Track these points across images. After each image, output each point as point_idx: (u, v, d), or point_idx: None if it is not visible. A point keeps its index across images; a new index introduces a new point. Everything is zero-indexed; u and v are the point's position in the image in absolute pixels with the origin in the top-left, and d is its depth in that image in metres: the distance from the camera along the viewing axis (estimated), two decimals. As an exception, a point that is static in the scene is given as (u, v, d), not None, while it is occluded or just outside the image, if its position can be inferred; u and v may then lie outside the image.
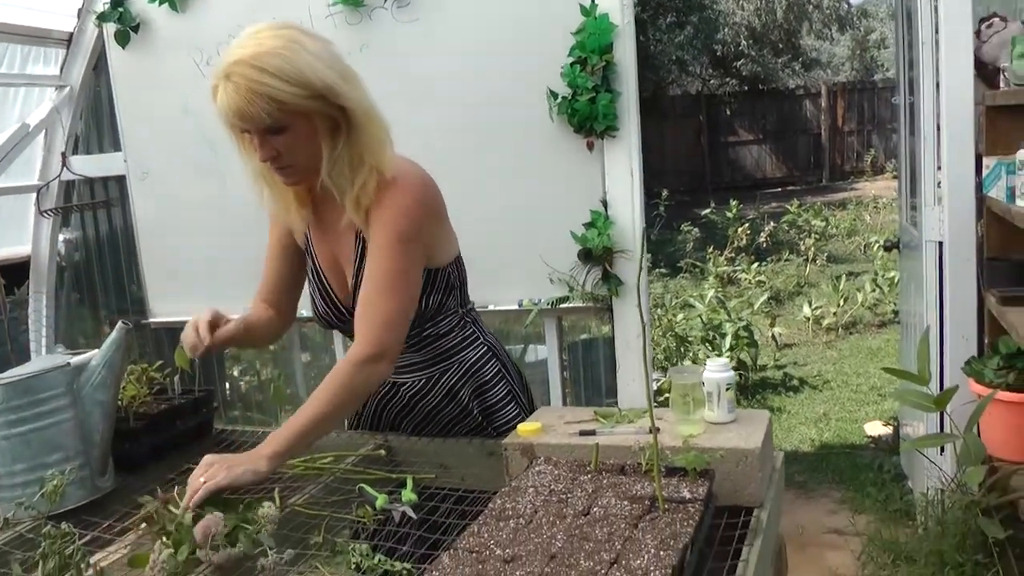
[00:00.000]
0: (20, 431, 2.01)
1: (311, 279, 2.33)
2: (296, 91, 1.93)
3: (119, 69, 4.37)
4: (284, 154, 2.03)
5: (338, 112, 2.01)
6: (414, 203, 2.12)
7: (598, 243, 3.50)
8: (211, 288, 4.24)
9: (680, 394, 1.94)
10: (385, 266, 2.08)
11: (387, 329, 2.08)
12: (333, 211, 2.19)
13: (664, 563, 1.42)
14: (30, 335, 5.11)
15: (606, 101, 3.43)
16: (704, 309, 7.35)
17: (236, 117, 1.95)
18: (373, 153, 2.06)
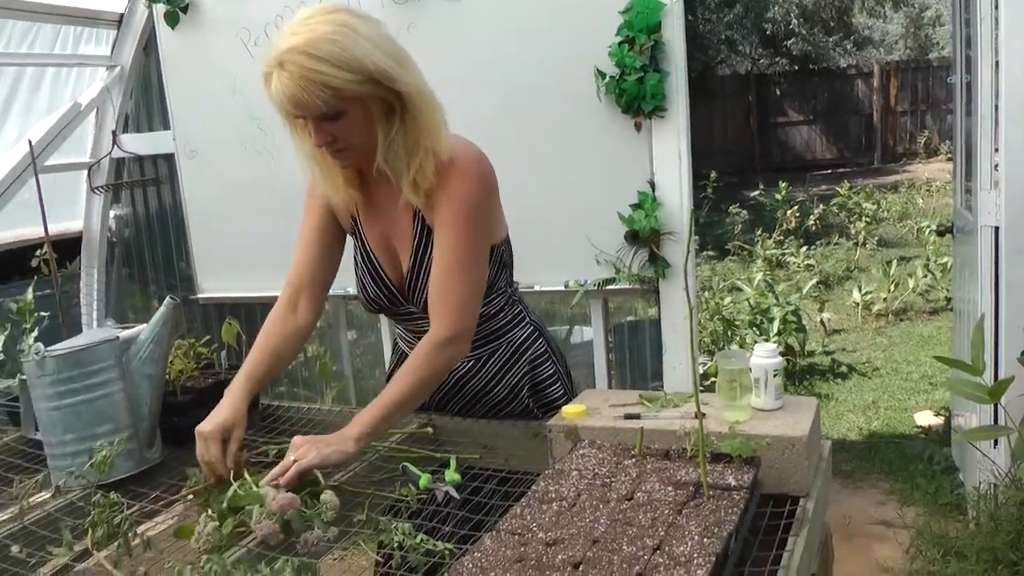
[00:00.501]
0: (70, 402, 2.04)
1: (360, 262, 2.32)
2: (350, 77, 1.92)
3: (168, 49, 4.41)
4: (339, 139, 2.03)
5: (392, 95, 2.00)
6: (476, 182, 2.12)
7: (645, 225, 3.48)
8: (258, 265, 4.29)
9: (727, 379, 1.92)
10: (456, 248, 2.10)
11: (464, 310, 2.11)
12: (387, 193, 2.19)
13: (708, 550, 1.41)
14: (81, 309, 5.18)
15: (654, 81, 3.40)
16: (752, 293, 7.29)
17: (291, 105, 1.94)
18: (429, 135, 2.05)
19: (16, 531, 1.85)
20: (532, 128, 3.62)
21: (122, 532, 1.68)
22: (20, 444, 2.37)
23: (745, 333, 6.78)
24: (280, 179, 3.99)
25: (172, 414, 2.25)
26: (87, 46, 4.82)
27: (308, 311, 2.30)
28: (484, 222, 2.16)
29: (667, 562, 1.39)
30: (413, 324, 2.34)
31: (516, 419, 2.30)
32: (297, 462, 1.86)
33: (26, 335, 3.84)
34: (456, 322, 2.09)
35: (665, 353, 3.62)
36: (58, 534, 1.77)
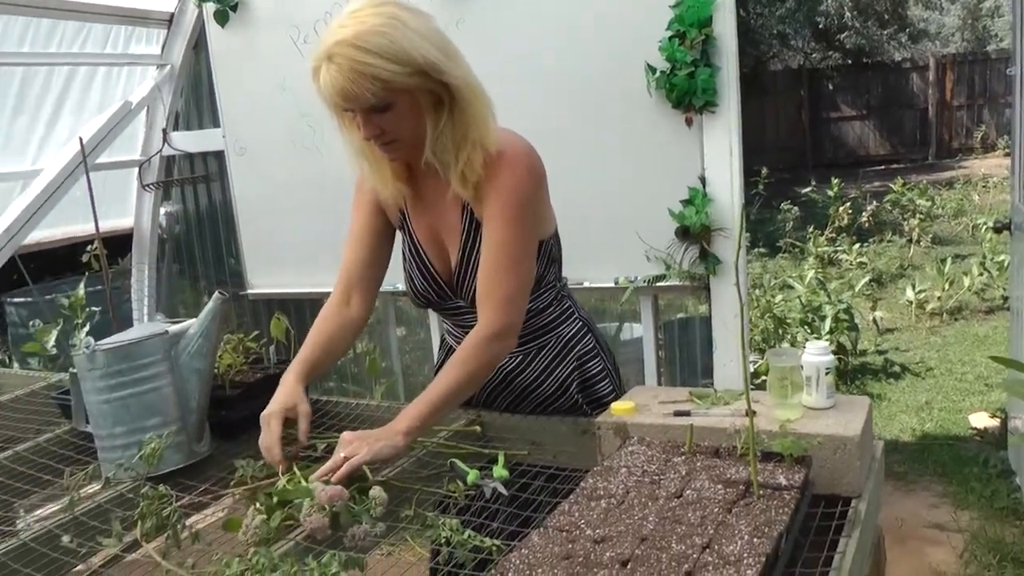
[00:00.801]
0: (120, 395, 2.06)
1: (409, 256, 2.31)
2: (399, 69, 1.92)
3: (218, 47, 4.43)
4: (388, 131, 2.02)
5: (441, 88, 2.00)
6: (525, 175, 2.11)
7: (696, 221, 3.45)
8: (307, 261, 4.31)
9: (778, 377, 1.89)
10: (505, 242, 2.09)
11: (512, 304, 2.10)
12: (435, 186, 2.19)
13: (758, 551, 1.39)
14: (132, 304, 5.23)
15: (705, 76, 3.36)
16: (803, 290, 7.22)
17: (340, 98, 1.95)
18: (477, 128, 2.05)
19: (67, 521, 1.86)
20: (581, 123, 3.60)
21: (171, 524, 1.69)
22: (71, 436, 2.39)
23: (796, 331, 6.72)
24: (329, 176, 4.00)
25: (221, 408, 2.26)
26: (138, 45, 4.87)
27: (361, 306, 2.30)
28: (533, 215, 2.14)
29: (716, 561, 1.37)
30: (461, 319, 2.33)
31: (564, 415, 2.28)
32: (348, 459, 1.86)
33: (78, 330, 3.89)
34: (503, 316, 2.08)
35: (715, 351, 3.58)
36: (108, 525, 1.79)
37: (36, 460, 2.26)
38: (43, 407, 2.71)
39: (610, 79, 3.52)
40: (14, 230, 4.38)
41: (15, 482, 2.17)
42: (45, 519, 1.92)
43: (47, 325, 3.50)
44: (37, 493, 2.18)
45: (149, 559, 1.65)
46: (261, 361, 2.56)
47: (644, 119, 3.49)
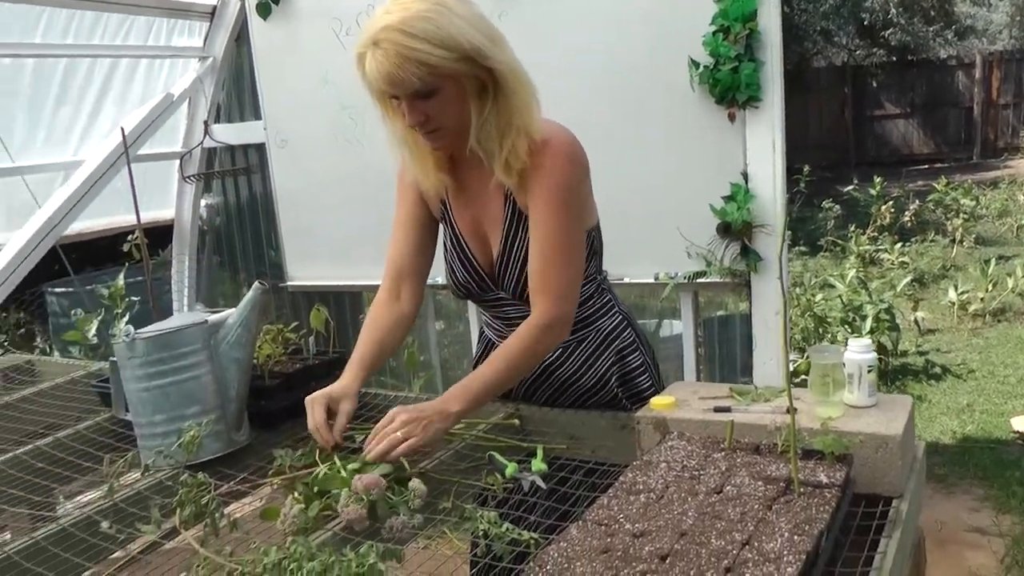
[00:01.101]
0: (159, 383, 2.07)
1: (450, 248, 2.30)
2: (445, 54, 1.92)
3: (260, 40, 4.45)
4: (432, 118, 2.02)
5: (486, 74, 2.00)
6: (570, 164, 2.11)
7: (737, 217, 3.42)
8: (347, 253, 4.32)
9: (820, 374, 1.87)
10: (555, 234, 2.09)
11: (566, 296, 2.11)
12: (477, 175, 2.18)
13: (798, 548, 1.38)
14: (173, 295, 5.27)
15: (749, 71, 3.33)
16: (844, 289, 7.16)
17: (386, 83, 1.94)
18: (521, 115, 2.04)
19: (106, 508, 1.88)
20: (623, 118, 3.57)
21: (209, 512, 1.70)
22: (111, 424, 2.41)
23: (837, 330, 6.66)
24: (370, 169, 4.00)
25: (260, 398, 2.27)
26: (180, 38, 4.90)
27: (411, 299, 2.31)
28: (579, 205, 2.14)
29: (756, 558, 1.36)
30: (501, 310, 2.32)
31: (604, 409, 2.27)
32: (406, 442, 1.88)
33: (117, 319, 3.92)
34: (558, 306, 2.09)
35: (755, 348, 3.55)
36: (147, 512, 1.80)
37: (76, 447, 2.28)
38: (83, 395, 2.73)
39: (653, 73, 3.50)
40: (55, 220, 4.42)
41: (56, 468, 2.19)
42: (84, 505, 1.93)
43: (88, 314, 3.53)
44: (77, 480, 2.20)
45: (187, 547, 1.66)
46: (300, 352, 2.56)
47: (686, 114, 3.47)
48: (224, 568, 1.52)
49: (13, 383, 3.02)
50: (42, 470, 2.19)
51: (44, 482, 2.15)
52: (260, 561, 1.49)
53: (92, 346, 4.46)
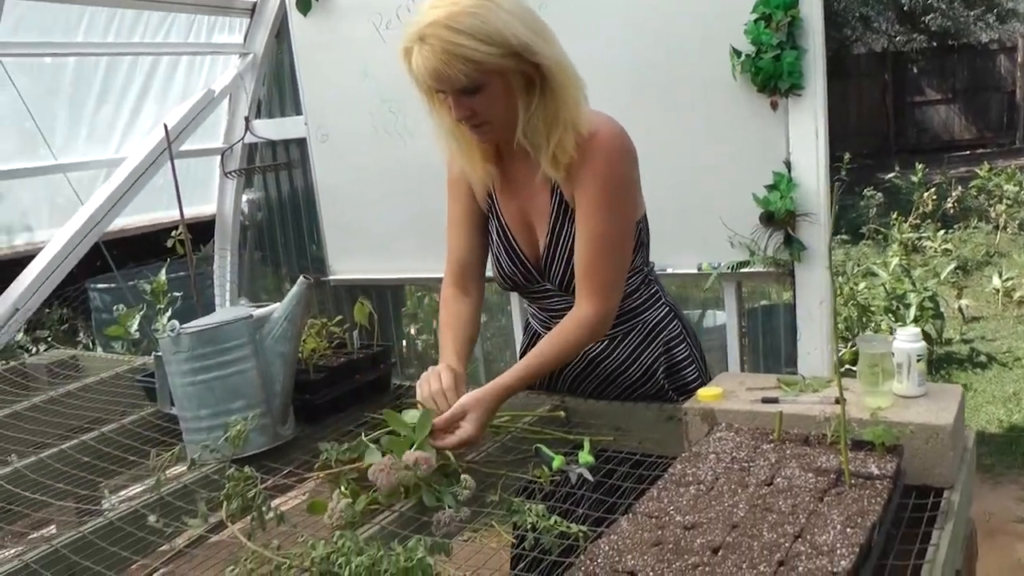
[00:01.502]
0: (204, 378, 2.07)
1: (497, 240, 2.30)
2: (492, 50, 1.91)
3: (300, 36, 4.47)
4: (479, 112, 2.01)
5: (533, 69, 1.98)
6: (620, 157, 2.10)
7: (781, 206, 3.39)
8: (389, 247, 4.33)
9: (868, 364, 1.85)
10: (603, 227, 2.08)
11: (612, 290, 2.12)
12: (524, 168, 2.17)
13: (851, 541, 1.36)
14: (215, 290, 5.30)
15: (791, 58, 3.31)
16: (887, 278, 7.08)
17: (432, 79, 1.94)
18: (568, 109, 2.03)
19: (153, 501, 1.88)
20: (665, 107, 3.56)
21: (256, 506, 1.70)
22: (155, 418, 2.42)
23: (880, 319, 6.60)
24: (411, 162, 4.02)
25: (304, 392, 2.27)
26: (220, 34, 4.93)
27: (477, 292, 2.34)
28: (629, 199, 2.13)
29: (809, 551, 1.35)
30: (547, 302, 2.31)
31: (650, 401, 2.25)
32: (460, 436, 1.91)
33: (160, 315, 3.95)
34: (605, 301, 2.10)
35: (800, 338, 3.53)
36: (193, 505, 1.80)
37: (121, 441, 2.28)
38: (128, 390, 2.74)
39: (695, 63, 3.48)
40: (98, 217, 4.46)
41: (101, 462, 2.20)
42: (131, 499, 1.94)
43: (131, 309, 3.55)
44: (122, 473, 2.21)
45: (233, 540, 1.66)
46: (344, 346, 2.56)
47: (728, 103, 3.45)
48: (271, 562, 1.51)
49: (58, 378, 3.05)
50: (88, 464, 2.20)
51: (90, 476, 2.16)
52: (308, 555, 1.49)
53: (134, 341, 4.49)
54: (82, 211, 4.49)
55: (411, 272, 4.27)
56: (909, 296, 6.72)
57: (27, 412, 2.58)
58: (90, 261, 4.79)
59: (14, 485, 2.07)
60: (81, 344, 7.15)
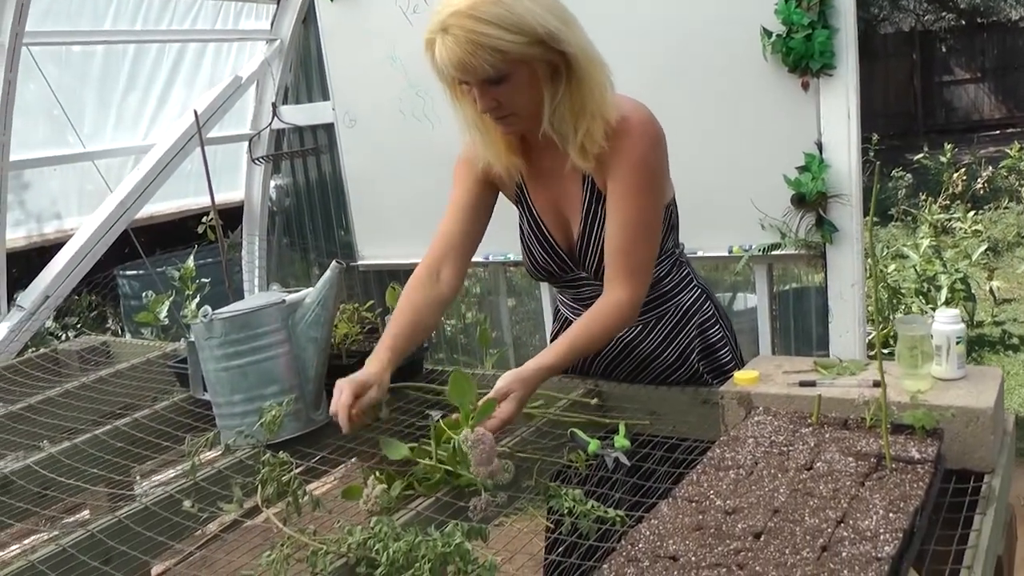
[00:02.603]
0: (238, 364, 2.07)
1: (528, 230, 2.27)
2: (517, 39, 1.87)
3: (327, 21, 4.47)
4: (504, 103, 1.98)
5: (558, 57, 1.95)
6: (650, 145, 2.07)
7: (812, 188, 3.37)
8: (418, 232, 4.28)
9: (907, 346, 1.82)
10: (634, 215, 2.06)
11: (643, 275, 2.09)
12: (552, 158, 2.14)
13: (894, 526, 1.35)
14: (243, 276, 5.32)
15: (823, 38, 3.28)
16: (918, 260, 7.03)
17: (457, 70, 1.91)
18: (595, 98, 2.00)
19: (188, 487, 1.89)
20: (695, 89, 3.54)
21: (291, 491, 1.70)
22: (187, 404, 2.42)
23: (911, 302, 6.55)
24: (439, 146, 3.99)
25: (337, 377, 2.25)
26: (247, 20, 4.94)
27: (451, 280, 2.25)
28: (659, 183, 2.10)
29: (852, 536, 1.33)
30: (580, 291, 2.29)
31: (685, 384, 2.23)
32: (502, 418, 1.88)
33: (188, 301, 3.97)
34: (637, 287, 2.07)
35: (832, 321, 3.50)
36: (227, 491, 1.81)
37: (154, 427, 2.29)
38: (159, 375, 2.75)
39: (725, 44, 3.46)
40: (128, 203, 4.48)
41: (134, 448, 2.20)
42: (165, 484, 1.94)
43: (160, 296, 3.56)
44: (155, 459, 2.22)
45: (266, 525, 1.66)
46: (376, 331, 2.55)
47: (759, 84, 3.43)
48: (307, 547, 1.51)
49: (89, 364, 3.06)
50: (121, 449, 2.20)
51: (123, 461, 2.17)
52: (344, 541, 1.49)
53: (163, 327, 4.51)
54: (111, 198, 4.51)
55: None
56: (940, 278, 6.67)
57: (59, 398, 2.58)
58: (118, 248, 4.82)
59: (48, 470, 2.07)
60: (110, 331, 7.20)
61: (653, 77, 3.48)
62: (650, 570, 1.27)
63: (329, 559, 1.48)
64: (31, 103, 4.42)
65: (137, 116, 4.87)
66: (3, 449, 2.29)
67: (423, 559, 1.40)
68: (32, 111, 4.45)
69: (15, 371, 2.96)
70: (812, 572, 1.23)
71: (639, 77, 3.29)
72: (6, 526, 1.94)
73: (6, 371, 2.95)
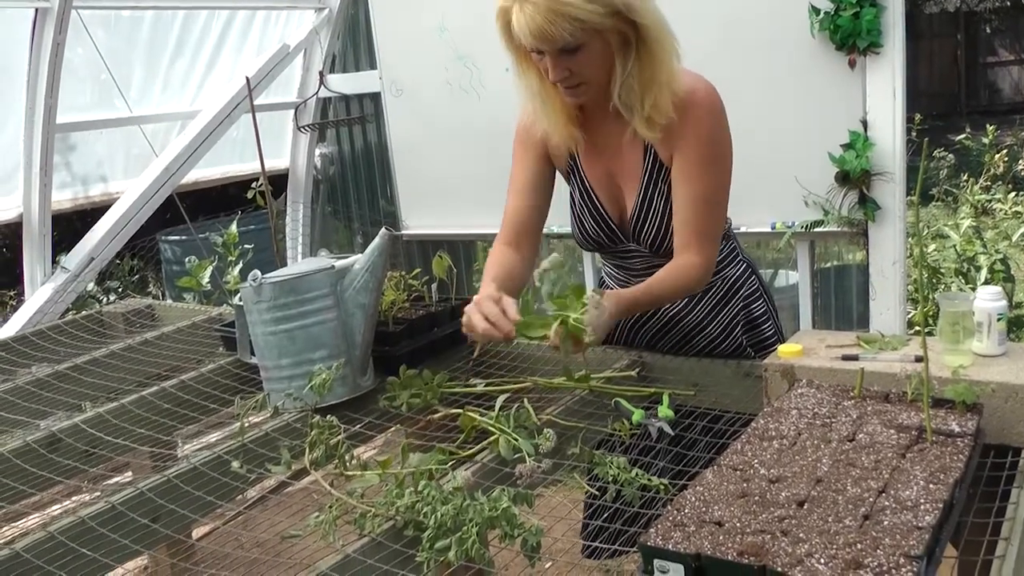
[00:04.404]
0: (286, 328, 2.09)
1: (579, 201, 2.27)
2: (596, 9, 1.89)
3: (376, -10, 4.47)
4: (575, 73, 1.99)
5: (630, 28, 1.96)
6: (719, 117, 2.09)
7: (856, 165, 3.36)
8: (462, 203, 4.35)
9: (949, 322, 1.84)
10: (705, 185, 2.09)
11: (714, 244, 2.15)
12: (610, 129, 2.15)
13: (935, 497, 1.36)
14: (287, 243, 5.36)
15: (870, 16, 3.26)
16: (958, 240, 6.98)
17: (536, 38, 1.91)
18: (664, 70, 2.01)
19: (236, 448, 1.92)
20: (742, 65, 3.53)
21: (339, 454, 1.72)
22: (233, 367, 2.45)
23: (951, 281, 6.51)
24: (485, 118, 4.02)
25: (384, 344, 2.29)
26: (297, -11, 4.95)
27: (530, 251, 2.29)
28: (728, 156, 2.13)
29: (893, 506, 1.35)
30: (628, 262, 2.31)
31: (728, 358, 2.25)
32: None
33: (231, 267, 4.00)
34: (709, 253, 2.11)
35: (873, 298, 3.50)
36: (274, 453, 1.84)
37: (201, 389, 2.32)
38: (205, 339, 2.77)
39: (773, 20, 3.45)
40: (173, 168, 4.53)
41: (181, 409, 2.23)
42: (211, 446, 1.97)
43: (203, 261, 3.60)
44: (200, 421, 2.25)
45: (314, 487, 1.69)
46: (422, 299, 2.58)
47: (806, 62, 3.42)
48: (355, 509, 1.54)
49: (135, 327, 3.09)
50: (168, 411, 2.23)
51: (170, 422, 2.20)
52: (392, 503, 1.52)
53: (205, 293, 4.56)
54: (157, 162, 4.56)
55: (483, 228, 4.26)
56: (980, 258, 6.62)
57: (105, 359, 2.61)
58: (160, 213, 4.86)
59: (96, 429, 2.10)
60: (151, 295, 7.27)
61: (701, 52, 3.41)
62: (696, 535, 1.29)
63: (377, 521, 1.51)
64: (79, 67, 4.45)
65: (184, 82, 4.89)
66: (50, 407, 2.33)
67: (470, 523, 1.42)
68: (80, 74, 4.48)
69: (60, 332, 2.99)
70: (854, 539, 1.25)
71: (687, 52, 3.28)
72: (54, 484, 1.97)
73: (52, 332, 2.98)
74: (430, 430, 1.99)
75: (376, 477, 1.65)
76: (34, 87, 4.03)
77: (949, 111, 17.50)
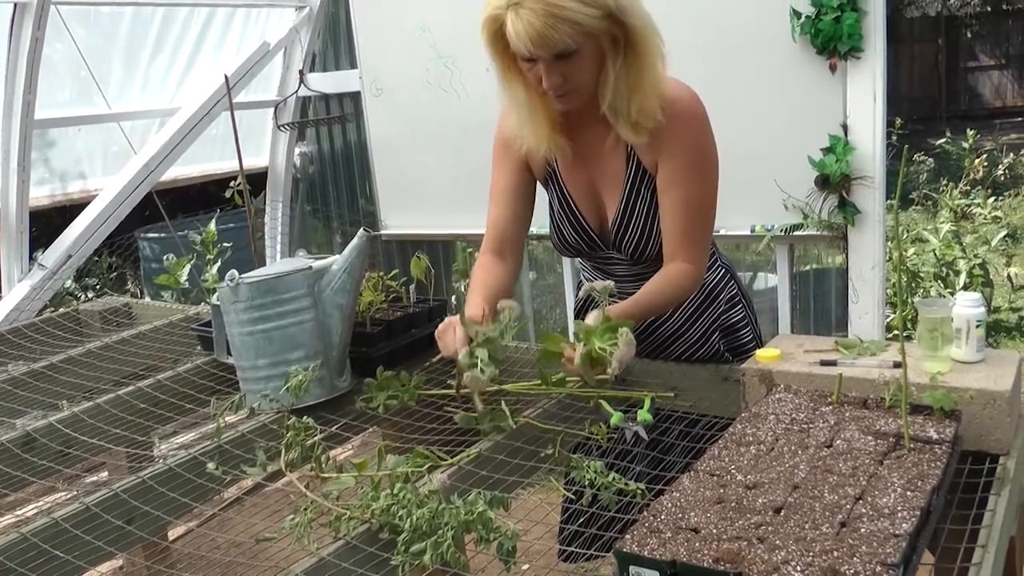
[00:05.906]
0: (263, 328, 2.08)
1: (558, 209, 2.26)
2: (592, 11, 1.87)
3: (357, -11, 4.46)
4: (569, 78, 1.97)
5: (620, 30, 1.94)
6: (704, 123, 2.09)
7: (836, 169, 3.37)
8: (441, 203, 4.33)
9: (928, 328, 1.84)
10: (693, 192, 2.08)
11: (704, 251, 2.15)
12: (591, 136, 2.14)
13: (912, 504, 1.36)
14: (266, 242, 5.34)
15: (851, 20, 3.27)
16: (937, 244, 7.01)
17: (535, 44, 1.87)
18: (652, 73, 2.00)
19: (211, 449, 1.91)
20: (723, 69, 3.53)
21: (315, 456, 1.71)
22: (210, 367, 2.44)
23: (930, 286, 6.54)
24: (466, 118, 4.01)
25: (361, 345, 2.28)
26: (276, -13, 4.93)
27: (514, 260, 2.28)
28: (715, 162, 2.12)
29: (870, 513, 1.35)
30: (608, 268, 2.30)
31: (705, 364, 2.24)
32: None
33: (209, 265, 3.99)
34: (699, 260, 2.11)
35: (853, 302, 3.51)
36: (250, 454, 1.82)
37: (177, 389, 2.31)
38: (181, 338, 2.76)
39: (753, 24, 3.46)
40: (152, 165, 4.50)
41: (157, 409, 2.22)
42: (187, 447, 1.96)
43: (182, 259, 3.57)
44: (176, 421, 2.24)
45: (289, 489, 1.67)
46: (400, 300, 2.57)
47: (787, 65, 3.43)
48: (330, 512, 1.53)
49: (111, 325, 3.07)
50: (143, 411, 2.22)
51: (145, 422, 2.18)
52: (368, 506, 1.51)
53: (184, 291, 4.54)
54: (136, 159, 4.53)
55: (462, 228, 4.26)
56: (959, 263, 6.65)
57: (82, 358, 2.59)
58: (139, 210, 4.84)
59: (71, 429, 2.09)
60: (129, 292, 7.23)
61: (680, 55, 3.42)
62: (672, 541, 1.29)
63: (352, 524, 1.50)
64: (58, 63, 4.43)
65: (163, 79, 4.87)
66: (25, 407, 2.31)
67: (446, 526, 1.42)
68: (59, 71, 4.46)
69: (37, 330, 2.98)
70: (831, 547, 1.25)
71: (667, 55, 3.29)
72: (28, 483, 1.96)
73: (28, 330, 2.97)
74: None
75: (352, 479, 1.65)
76: (12, 82, 4.00)
77: (929, 115, 17.60)
